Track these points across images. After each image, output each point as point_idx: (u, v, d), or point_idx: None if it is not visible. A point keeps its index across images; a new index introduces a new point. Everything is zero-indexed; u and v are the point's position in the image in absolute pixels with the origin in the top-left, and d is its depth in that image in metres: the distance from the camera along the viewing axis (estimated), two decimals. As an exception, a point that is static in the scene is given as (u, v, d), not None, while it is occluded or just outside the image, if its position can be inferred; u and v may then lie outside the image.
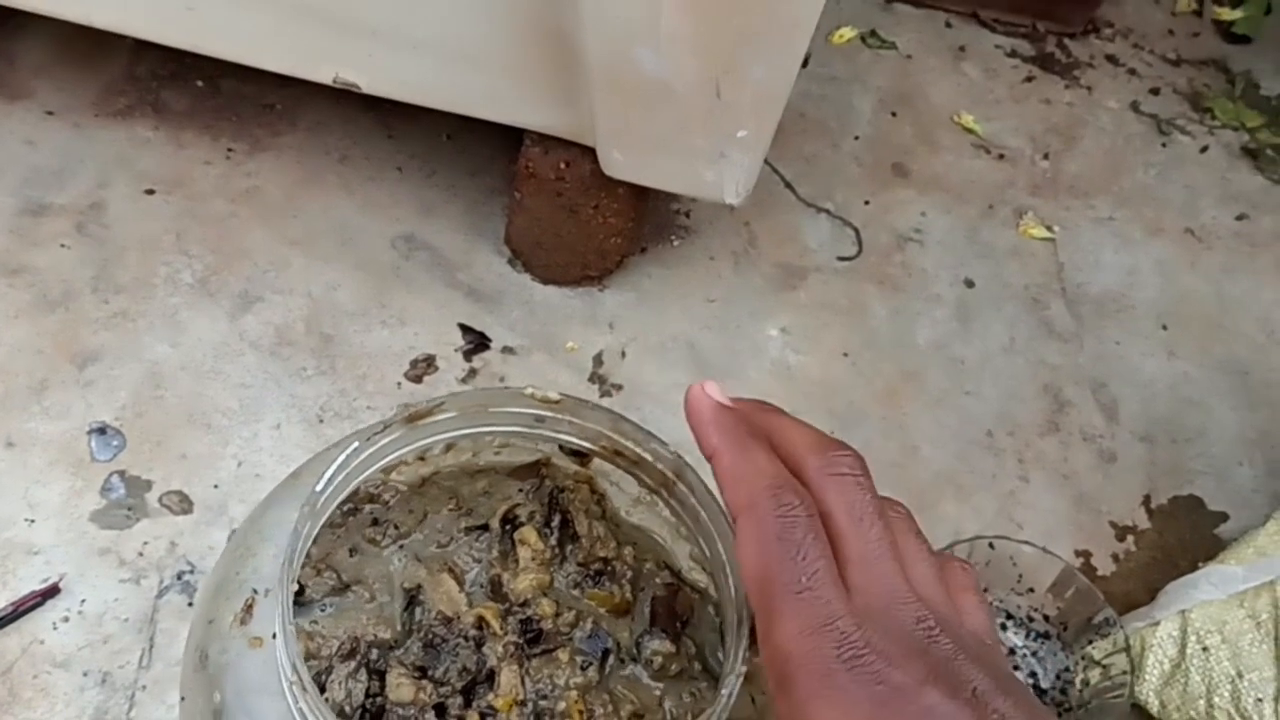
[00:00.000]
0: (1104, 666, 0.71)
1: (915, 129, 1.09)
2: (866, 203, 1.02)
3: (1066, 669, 0.73)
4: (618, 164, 0.77)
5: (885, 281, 0.97)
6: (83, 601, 0.69)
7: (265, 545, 0.40)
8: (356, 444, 0.38)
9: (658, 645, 0.47)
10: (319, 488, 0.37)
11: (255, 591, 0.39)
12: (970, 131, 1.10)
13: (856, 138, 1.07)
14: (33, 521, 0.71)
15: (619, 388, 0.85)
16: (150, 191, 0.88)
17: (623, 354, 0.87)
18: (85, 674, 0.66)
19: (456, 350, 0.84)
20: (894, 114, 1.10)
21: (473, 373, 0.83)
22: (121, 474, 0.74)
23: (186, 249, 0.85)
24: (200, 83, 0.95)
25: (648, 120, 0.73)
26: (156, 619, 0.69)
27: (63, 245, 0.83)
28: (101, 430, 0.75)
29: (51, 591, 0.68)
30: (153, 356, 0.79)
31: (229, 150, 0.92)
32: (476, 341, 0.85)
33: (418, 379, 0.82)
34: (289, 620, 0.35)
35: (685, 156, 0.75)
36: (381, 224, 0.90)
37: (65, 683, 0.66)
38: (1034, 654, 0.74)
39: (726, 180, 0.76)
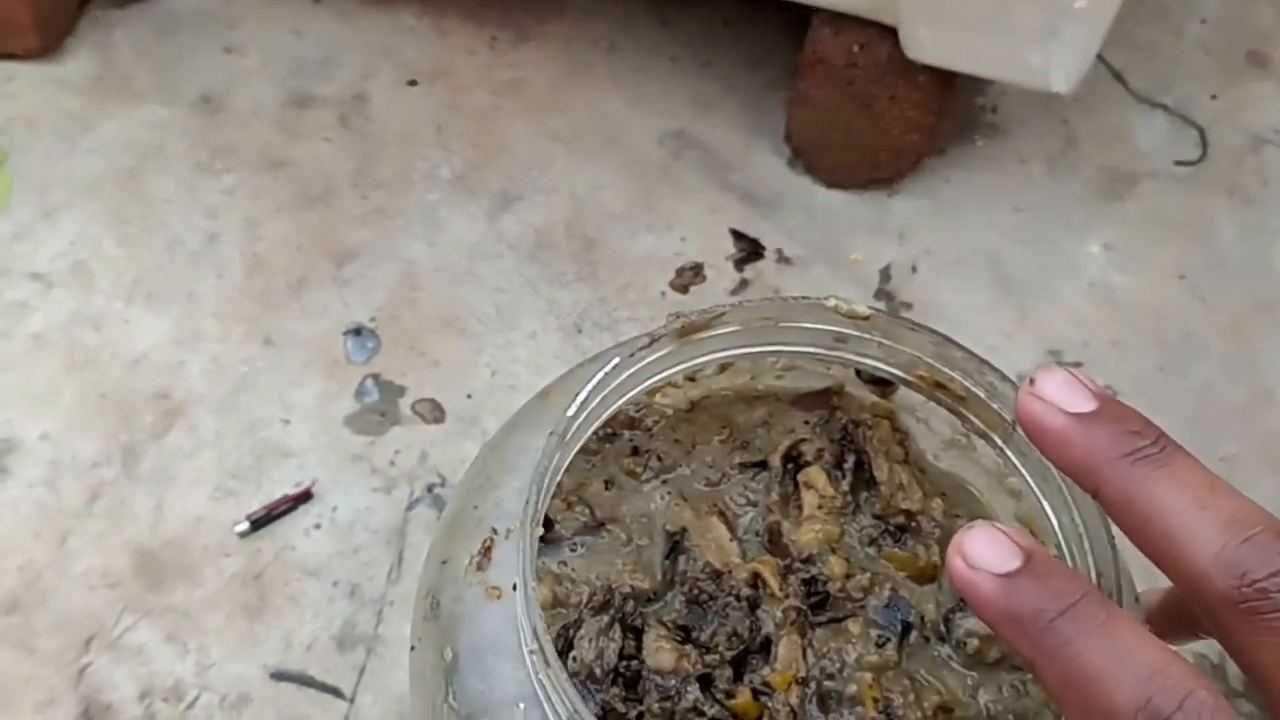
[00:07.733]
0: None
1: (1277, 8, 0.91)
2: (1214, 97, 0.85)
3: None
4: (924, 45, 0.66)
5: (1236, 191, 0.81)
6: (334, 509, 0.66)
7: (509, 476, 0.33)
8: (617, 360, 0.31)
9: (973, 624, 0.38)
10: (570, 412, 0.30)
11: (495, 532, 0.32)
12: (1349, 12, 0.91)
13: (1203, 21, 0.90)
14: (288, 422, 0.69)
15: (908, 306, 0.75)
16: (413, 83, 0.83)
17: (914, 269, 0.76)
18: (335, 584, 0.63)
19: (727, 259, 0.76)
20: (1251, -8, 0.92)
21: (744, 284, 0.75)
22: (375, 378, 0.70)
23: (446, 143, 0.80)
24: (466, -32, 0.89)
25: (964, -11, 0.61)
26: (406, 532, 0.65)
27: (325, 139, 0.80)
28: (357, 331, 0.72)
29: (305, 496, 0.66)
30: (409, 256, 0.75)
31: (493, 39, 0.86)
32: (749, 249, 0.77)
33: (684, 289, 0.75)
34: (532, 578, 0.28)
35: (1008, 33, 0.63)
36: (651, 119, 0.83)
37: (315, 591, 0.63)
38: None
39: (1055, 64, 0.64)
